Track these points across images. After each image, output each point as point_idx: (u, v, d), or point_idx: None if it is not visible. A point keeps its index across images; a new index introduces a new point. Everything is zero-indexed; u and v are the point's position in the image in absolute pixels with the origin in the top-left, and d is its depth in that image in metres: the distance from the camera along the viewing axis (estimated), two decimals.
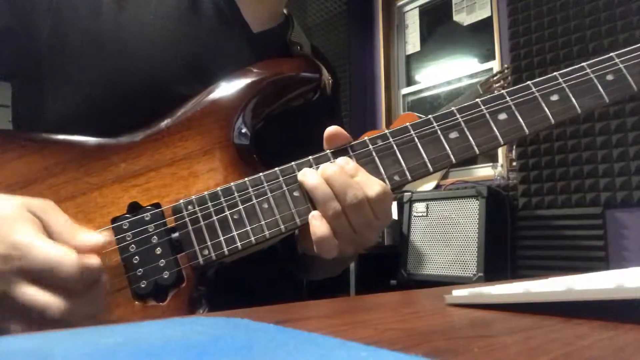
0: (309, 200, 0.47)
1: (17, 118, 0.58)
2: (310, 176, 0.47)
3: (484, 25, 2.74)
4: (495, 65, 2.60)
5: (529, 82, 0.49)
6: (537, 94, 0.48)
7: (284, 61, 0.59)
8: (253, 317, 0.25)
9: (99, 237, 0.41)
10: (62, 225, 0.41)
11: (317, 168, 0.48)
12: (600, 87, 0.48)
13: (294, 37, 0.65)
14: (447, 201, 2.13)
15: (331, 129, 0.49)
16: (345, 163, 0.47)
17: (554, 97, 0.48)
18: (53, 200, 0.48)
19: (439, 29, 3.10)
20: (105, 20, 0.54)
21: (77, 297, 0.38)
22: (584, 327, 0.26)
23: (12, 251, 0.37)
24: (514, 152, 2.28)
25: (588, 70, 0.49)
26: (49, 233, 0.40)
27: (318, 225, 0.46)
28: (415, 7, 3.19)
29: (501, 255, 2.12)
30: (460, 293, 0.35)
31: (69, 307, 0.38)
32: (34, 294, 0.37)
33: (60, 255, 0.37)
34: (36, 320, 0.38)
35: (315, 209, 0.47)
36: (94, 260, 0.39)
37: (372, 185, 0.46)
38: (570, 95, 0.48)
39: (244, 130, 0.54)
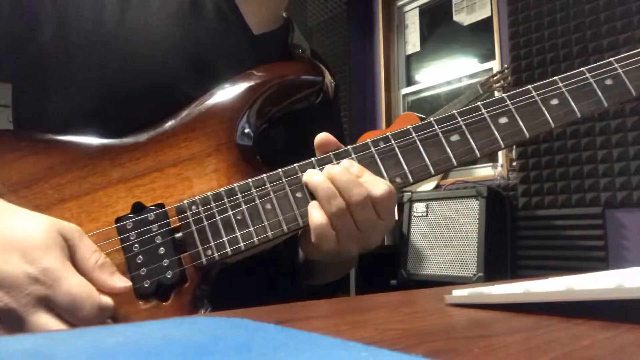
0: (312, 199, 0.47)
1: (18, 118, 0.58)
2: (314, 176, 0.48)
3: (484, 25, 2.74)
4: (495, 65, 2.60)
5: (529, 86, 0.49)
6: (537, 98, 0.48)
7: (287, 64, 0.59)
8: (253, 317, 0.25)
9: (122, 279, 0.44)
10: (89, 255, 0.42)
11: (322, 169, 0.48)
12: (599, 92, 0.48)
13: (295, 41, 0.65)
14: (447, 201, 2.13)
15: (321, 136, 0.50)
16: (350, 165, 0.48)
17: (554, 101, 0.48)
18: (57, 199, 0.48)
19: (439, 29, 3.10)
20: (108, 21, 0.54)
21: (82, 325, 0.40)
22: (584, 327, 0.26)
23: (42, 277, 0.38)
24: (514, 152, 2.28)
25: (587, 75, 0.49)
26: (75, 259, 0.41)
27: (316, 214, 0.47)
28: (415, 7, 3.19)
29: (501, 255, 2.12)
30: (460, 293, 0.35)
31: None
32: (47, 322, 0.39)
33: (85, 296, 0.39)
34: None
35: None
36: (110, 302, 0.41)
37: (377, 185, 0.47)
38: (570, 99, 0.48)
39: (247, 132, 0.54)
